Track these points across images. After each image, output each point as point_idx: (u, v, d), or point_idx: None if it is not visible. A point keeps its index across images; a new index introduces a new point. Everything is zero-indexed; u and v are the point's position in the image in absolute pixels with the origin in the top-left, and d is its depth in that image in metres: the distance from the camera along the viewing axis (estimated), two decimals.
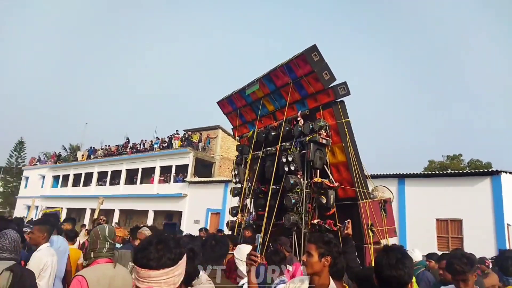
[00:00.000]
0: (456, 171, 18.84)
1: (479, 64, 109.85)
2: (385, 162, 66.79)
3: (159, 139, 27.21)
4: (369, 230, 5.03)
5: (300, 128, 5.90)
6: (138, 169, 26.93)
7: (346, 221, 3.64)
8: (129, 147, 28.99)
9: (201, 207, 21.59)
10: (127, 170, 27.81)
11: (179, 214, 23.26)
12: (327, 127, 5.59)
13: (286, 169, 5.75)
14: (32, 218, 21.75)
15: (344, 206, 5.32)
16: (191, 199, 22.77)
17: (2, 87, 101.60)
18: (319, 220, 5.30)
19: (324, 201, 5.20)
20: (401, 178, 15.17)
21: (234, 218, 7.29)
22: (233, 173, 7.61)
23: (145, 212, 25.12)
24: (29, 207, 31.29)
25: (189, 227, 19.89)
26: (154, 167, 25.67)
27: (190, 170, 23.52)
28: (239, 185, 7.50)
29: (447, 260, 2.67)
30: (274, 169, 6.06)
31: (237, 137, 8.13)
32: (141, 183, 26.73)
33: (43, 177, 35.09)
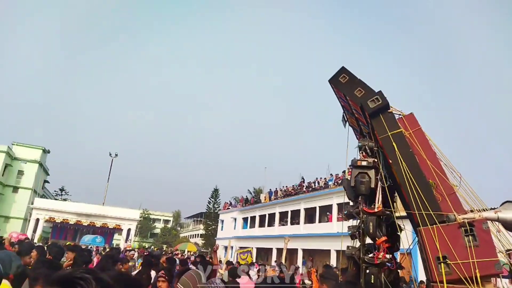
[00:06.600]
0: None
1: None
2: None
3: (333, 175, 27.95)
4: (440, 264, 4.04)
5: None
6: (315, 207, 28.14)
7: None
8: (305, 186, 30.80)
9: None
10: (305, 209, 29.41)
11: None
12: (367, 148, 5.28)
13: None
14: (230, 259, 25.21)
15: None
16: None
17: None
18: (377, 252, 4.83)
19: (369, 230, 4.82)
20: None
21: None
22: None
23: (327, 252, 25.65)
24: (226, 248, 36.78)
25: None
26: (331, 205, 26.30)
27: None
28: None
29: None
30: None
31: None
32: (319, 221, 27.71)
33: (235, 219, 40.77)
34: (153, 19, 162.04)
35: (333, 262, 23.98)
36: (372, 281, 4.46)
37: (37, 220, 37.16)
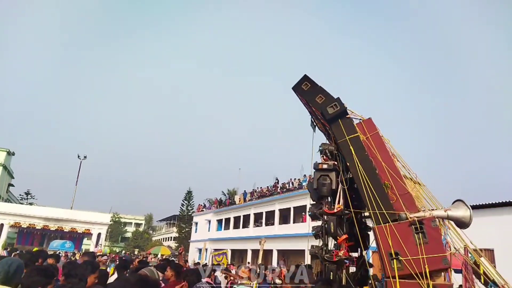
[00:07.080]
0: None
1: None
2: None
3: (306, 176, 28.46)
4: (393, 260, 4.34)
5: None
6: (290, 208, 28.59)
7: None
8: (279, 188, 31.22)
9: None
10: (280, 210, 29.83)
11: None
12: (327, 151, 5.61)
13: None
14: (206, 263, 25.01)
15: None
16: None
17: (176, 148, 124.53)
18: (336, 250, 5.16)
19: (330, 229, 5.12)
20: None
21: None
22: None
23: (302, 252, 26.10)
24: (200, 250, 36.68)
25: None
26: (305, 205, 26.77)
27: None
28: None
29: None
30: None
31: None
32: (294, 222, 28.18)
33: (209, 221, 40.70)
34: (112, 18, 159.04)
35: (307, 262, 24.44)
36: (331, 277, 4.66)
37: (1, 225, 35.80)
